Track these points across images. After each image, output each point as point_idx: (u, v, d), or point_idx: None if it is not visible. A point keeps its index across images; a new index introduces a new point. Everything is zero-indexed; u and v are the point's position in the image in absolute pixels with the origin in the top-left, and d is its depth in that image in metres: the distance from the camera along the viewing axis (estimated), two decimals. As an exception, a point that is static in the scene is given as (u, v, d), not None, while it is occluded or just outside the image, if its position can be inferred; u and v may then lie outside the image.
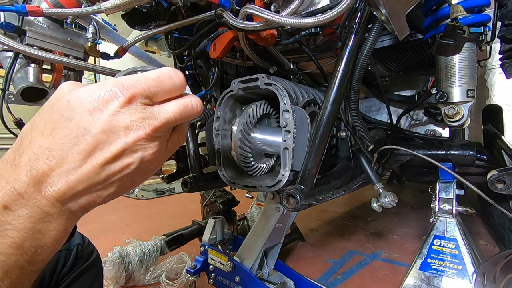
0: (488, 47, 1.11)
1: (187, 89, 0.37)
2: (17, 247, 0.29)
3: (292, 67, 1.14)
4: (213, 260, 1.12)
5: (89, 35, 1.06)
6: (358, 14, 0.80)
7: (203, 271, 1.16)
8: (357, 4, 0.80)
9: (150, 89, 0.32)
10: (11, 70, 0.97)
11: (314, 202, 0.78)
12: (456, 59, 0.90)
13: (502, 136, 1.12)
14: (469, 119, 0.94)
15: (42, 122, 0.32)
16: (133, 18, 1.05)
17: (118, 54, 1.13)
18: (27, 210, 0.29)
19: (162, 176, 1.34)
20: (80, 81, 1.19)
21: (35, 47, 0.94)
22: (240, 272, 1.05)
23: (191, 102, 0.35)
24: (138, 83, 0.31)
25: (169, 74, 0.33)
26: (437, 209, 1.07)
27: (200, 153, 1.26)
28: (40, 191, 0.30)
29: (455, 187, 1.07)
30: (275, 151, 0.97)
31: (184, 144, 1.29)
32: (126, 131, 0.31)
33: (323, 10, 0.74)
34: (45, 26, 1.01)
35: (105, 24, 1.24)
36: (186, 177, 1.14)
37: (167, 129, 0.34)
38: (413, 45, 1.16)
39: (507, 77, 0.99)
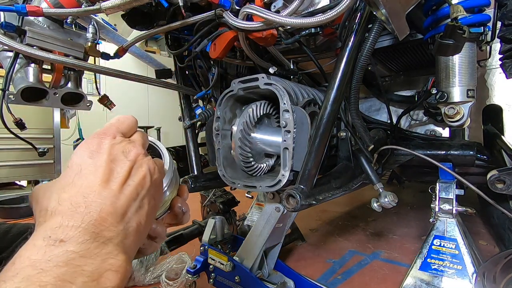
0: (488, 47, 1.12)
1: None
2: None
3: (292, 67, 1.14)
4: (213, 260, 1.12)
5: (89, 35, 1.06)
6: (358, 14, 0.80)
7: (203, 271, 1.16)
8: (357, 4, 0.80)
9: (120, 127, 0.41)
10: (11, 70, 0.97)
11: (314, 202, 0.78)
12: (456, 59, 0.90)
13: (502, 136, 1.12)
14: (469, 119, 0.94)
15: (59, 187, 0.35)
16: (133, 18, 1.05)
17: (118, 54, 1.13)
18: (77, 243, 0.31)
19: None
20: (80, 81, 1.18)
21: (35, 47, 0.94)
22: (240, 272, 1.05)
23: (143, 131, 0.45)
24: (110, 126, 0.40)
25: (124, 117, 0.43)
26: (437, 209, 1.07)
27: (200, 153, 1.26)
28: (91, 219, 0.32)
29: (455, 187, 1.06)
30: (275, 151, 0.97)
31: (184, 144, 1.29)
32: (125, 154, 0.38)
33: (323, 10, 0.74)
34: (45, 26, 1.01)
35: (105, 24, 1.24)
36: (186, 177, 1.14)
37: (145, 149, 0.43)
38: (413, 45, 1.16)
39: (507, 77, 0.99)
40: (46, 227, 0.31)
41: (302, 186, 0.79)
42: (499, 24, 0.99)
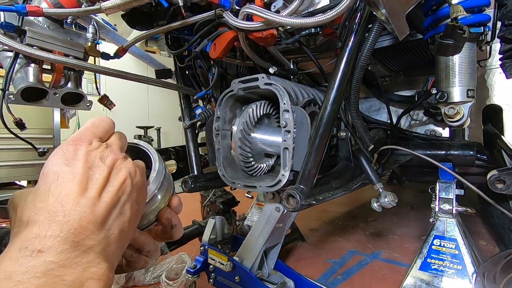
0: (488, 47, 1.12)
1: None
2: None
3: (292, 67, 1.14)
4: (213, 260, 1.12)
5: (89, 35, 1.06)
6: (358, 14, 0.80)
7: (203, 271, 1.16)
8: (357, 4, 0.80)
9: (95, 132, 0.39)
10: (11, 70, 0.97)
11: (314, 202, 0.78)
12: (456, 59, 0.90)
13: (502, 136, 1.12)
14: (469, 119, 0.94)
15: (36, 195, 0.33)
16: (133, 18, 1.05)
17: (118, 54, 1.13)
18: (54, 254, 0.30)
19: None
20: (80, 81, 1.19)
21: (35, 47, 0.94)
22: (240, 272, 1.05)
23: (121, 132, 0.44)
24: (86, 131, 0.39)
25: (99, 120, 0.41)
26: (437, 209, 1.07)
27: (200, 153, 1.26)
28: (70, 228, 0.31)
29: (455, 187, 1.06)
30: (275, 151, 0.97)
31: (184, 144, 1.29)
32: (102, 160, 0.37)
33: (323, 10, 0.74)
34: (45, 26, 1.01)
35: (105, 24, 1.24)
36: (186, 177, 1.14)
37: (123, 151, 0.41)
38: (413, 45, 1.16)
39: (507, 77, 0.99)
40: (22, 238, 0.30)
41: (302, 186, 0.79)
42: (499, 24, 0.99)
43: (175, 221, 0.47)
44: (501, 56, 1.01)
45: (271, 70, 1.07)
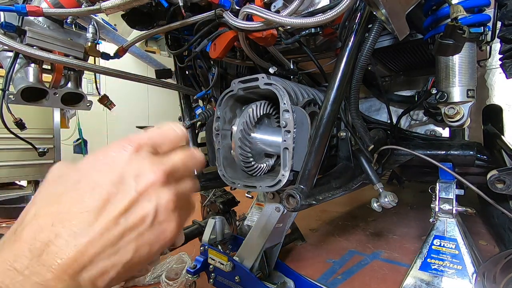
0: (488, 47, 1.12)
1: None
2: None
3: (292, 67, 1.14)
4: (213, 260, 1.12)
5: (89, 35, 1.06)
6: (358, 14, 0.80)
7: (203, 271, 1.15)
8: (357, 4, 0.80)
9: (154, 139, 0.33)
10: (11, 70, 0.97)
11: (314, 202, 0.78)
12: (456, 59, 0.90)
13: (502, 136, 1.12)
14: (469, 119, 0.94)
15: (47, 195, 0.30)
16: (133, 18, 1.05)
17: (118, 54, 1.13)
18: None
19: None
20: (80, 81, 1.19)
21: (35, 47, 0.94)
22: (240, 272, 1.05)
23: (195, 151, 0.36)
24: (142, 135, 0.32)
25: (171, 127, 0.35)
26: (437, 209, 1.07)
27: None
28: (44, 264, 0.26)
29: (455, 187, 1.06)
30: (275, 151, 0.97)
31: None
32: (136, 179, 0.30)
33: (323, 10, 0.74)
34: (45, 26, 1.01)
35: (105, 24, 1.24)
36: (186, 177, 1.14)
37: (177, 177, 0.33)
38: (413, 45, 1.16)
39: (507, 77, 0.99)
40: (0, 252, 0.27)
41: (302, 186, 0.79)
42: (499, 24, 0.99)
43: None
44: (501, 56, 1.01)
45: (271, 70, 1.07)
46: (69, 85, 1.13)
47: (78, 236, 0.27)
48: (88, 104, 1.19)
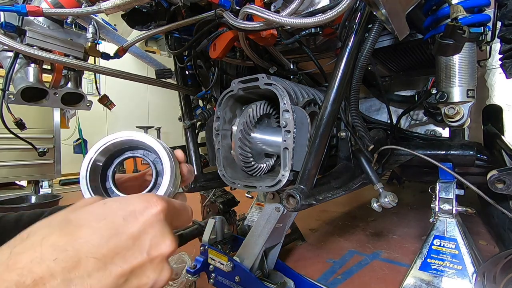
0: (488, 47, 1.11)
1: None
2: None
3: (292, 67, 1.14)
4: (213, 260, 1.12)
5: (89, 35, 1.06)
6: (358, 14, 0.80)
7: (203, 271, 1.15)
8: (357, 4, 0.80)
9: (178, 211, 0.34)
10: (11, 70, 0.97)
11: (314, 202, 0.78)
12: (456, 59, 0.90)
13: (502, 136, 1.12)
14: (469, 119, 0.94)
15: (64, 221, 0.29)
16: (133, 18, 1.05)
17: (118, 54, 1.13)
18: None
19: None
20: (80, 81, 1.19)
21: (35, 47, 0.94)
22: (240, 272, 1.04)
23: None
24: (170, 201, 0.34)
25: (188, 210, 0.37)
26: (437, 209, 1.07)
27: (200, 153, 1.26)
28: None
29: (455, 187, 1.06)
30: (275, 151, 0.97)
31: (184, 144, 1.29)
32: (152, 243, 0.30)
33: (323, 10, 0.74)
34: (45, 26, 1.01)
35: (105, 24, 1.24)
36: (186, 177, 1.14)
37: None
38: (413, 45, 1.16)
39: (507, 77, 0.99)
40: None
41: (302, 186, 0.79)
42: (499, 24, 0.99)
43: (187, 170, 0.46)
44: (501, 56, 1.01)
45: (271, 70, 1.07)
46: (69, 85, 1.13)
47: (71, 285, 0.25)
48: (88, 104, 1.19)
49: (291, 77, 1.17)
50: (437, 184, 1.09)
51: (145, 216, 0.30)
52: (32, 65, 1.01)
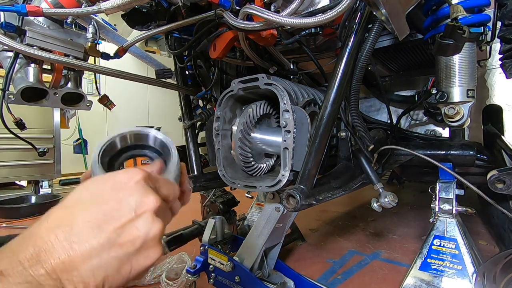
0: (488, 47, 1.11)
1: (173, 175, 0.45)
2: None
3: (292, 67, 1.14)
4: (213, 260, 1.12)
5: (89, 35, 1.06)
6: (358, 14, 0.80)
7: (203, 271, 1.15)
8: (357, 4, 0.80)
9: (159, 179, 0.39)
10: (11, 70, 0.97)
11: (314, 202, 0.78)
12: (456, 59, 0.90)
13: (502, 136, 1.12)
14: (469, 119, 0.94)
15: (67, 200, 0.35)
16: (133, 18, 1.05)
17: (118, 54, 1.13)
18: (20, 279, 0.29)
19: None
20: (80, 81, 1.18)
21: (35, 47, 0.94)
22: (240, 272, 1.04)
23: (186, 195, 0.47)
24: (151, 172, 0.39)
25: (174, 185, 0.42)
26: (437, 209, 1.07)
27: (200, 153, 1.26)
28: (40, 261, 0.30)
29: (455, 187, 1.06)
30: (275, 151, 0.97)
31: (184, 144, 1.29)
32: (137, 203, 0.35)
33: (323, 10, 0.74)
34: (45, 26, 1.01)
35: (105, 24, 1.24)
36: (186, 177, 1.14)
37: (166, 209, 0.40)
38: (413, 45, 1.16)
39: (507, 77, 0.99)
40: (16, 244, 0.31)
41: (302, 186, 0.79)
42: (499, 24, 0.99)
43: (187, 186, 0.49)
44: (501, 56, 1.01)
45: (271, 70, 1.07)
46: (69, 85, 1.13)
47: (73, 244, 0.31)
48: (88, 104, 1.19)
49: (291, 77, 1.17)
50: (437, 184, 1.09)
51: (129, 183, 0.35)
52: (32, 65, 1.01)
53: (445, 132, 1.41)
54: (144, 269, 0.35)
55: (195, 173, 1.20)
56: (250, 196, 1.74)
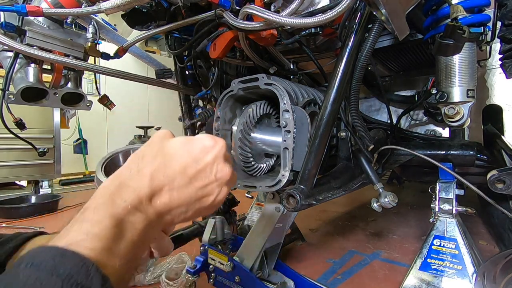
0: (488, 47, 1.11)
1: None
2: (132, 243, 0.37)
3: (292, 67, 1.14)
4: (213, 260, 1.12)
5: (89, 35, 1.06)
6: (358, 14, 0.80)
7: (203, 271, 1.15)
8: (357, 4, 0.80)
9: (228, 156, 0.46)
10: (11, 70, 0.97)
11: (314, 202, 0.78)
12: (456, 59, 0.90)
13: (502, 136, 1.12)
14: (469, 119, 0.94)
15: (159, 152, 0.41)
16: (133, 18, 1.05)
17: (118, 54, 1.13)
18: (141, 216, 0.38)
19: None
20: (80, 81, 1.19)
21: (35, 47, 0.94)
22: (240, 272, 1.04)
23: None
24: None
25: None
26: (437, 209, 1.07)
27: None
28: (151, 202, 0.39)
29: (455, 187, 1.06)
30: (275, 151, 0.97)
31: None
32: (217, 170, 0.43)
33: (323, 10, 0.74)
34: (45, 26, 1.01)
35: (105, 24, 1.24)
36: (186, 177, 1.14)
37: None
38: (413, 45, 1.16)
39: (507, 77, 0.99)
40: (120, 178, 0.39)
41: (302, 186, 0.79)
42: (499, 24, 0.99)
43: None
44: (501, 56, 1.01)
45: (271, 70, 1.07)
46: (69, 85, 1.13)
47: (173, 191, 0.40)
48: (88, 104, 1.19)
49: (291, 77, 1.17)
50: (437, 184, 1.09)
51: (214, 149, 0.43)
52: (32, 65, 1.01)
53: (445, 132, 1.41)
54: (210, 211, 0.46)
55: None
56: (250, 196, 1.74)
